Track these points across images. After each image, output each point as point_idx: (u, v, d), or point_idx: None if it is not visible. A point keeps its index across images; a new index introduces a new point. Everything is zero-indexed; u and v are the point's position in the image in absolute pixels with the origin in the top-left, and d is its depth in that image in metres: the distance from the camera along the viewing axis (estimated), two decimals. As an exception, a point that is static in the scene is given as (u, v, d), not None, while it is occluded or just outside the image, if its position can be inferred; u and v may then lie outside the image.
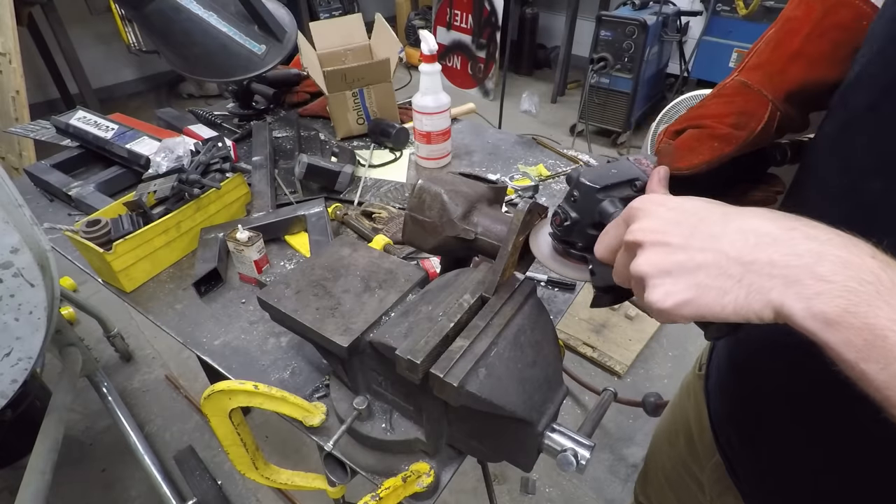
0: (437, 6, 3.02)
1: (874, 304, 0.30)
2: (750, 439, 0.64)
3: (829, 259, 0.32)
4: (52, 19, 3.06)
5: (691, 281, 0.37)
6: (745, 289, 0.34)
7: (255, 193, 1.21)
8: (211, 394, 0.70)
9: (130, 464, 1.74)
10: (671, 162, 0.53)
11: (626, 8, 3.31)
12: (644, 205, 0.42)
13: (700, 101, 0.54)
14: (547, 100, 4.32)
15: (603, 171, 0.51)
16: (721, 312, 0.35)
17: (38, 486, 1.21)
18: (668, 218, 0.40)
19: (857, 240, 0.33)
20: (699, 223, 0.38)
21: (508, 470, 1.79)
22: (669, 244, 0.38)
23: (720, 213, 0.38)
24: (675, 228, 0.39)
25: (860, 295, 0.30)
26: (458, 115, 1.61)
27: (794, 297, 0.32)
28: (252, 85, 1.61)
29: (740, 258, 0.35)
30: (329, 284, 0.73)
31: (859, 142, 0.45)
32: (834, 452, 0.52)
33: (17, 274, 0.86)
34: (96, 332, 2.13)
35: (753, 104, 0.50)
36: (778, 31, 0.52)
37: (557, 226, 0.55)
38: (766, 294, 0.33)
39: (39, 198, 1.28)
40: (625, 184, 0.51)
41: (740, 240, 0.35)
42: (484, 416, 0.58)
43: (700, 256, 0.37)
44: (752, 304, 0.34)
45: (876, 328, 0.30)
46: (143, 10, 1.20)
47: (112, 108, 1.92)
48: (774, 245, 0.34)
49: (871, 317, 0.30)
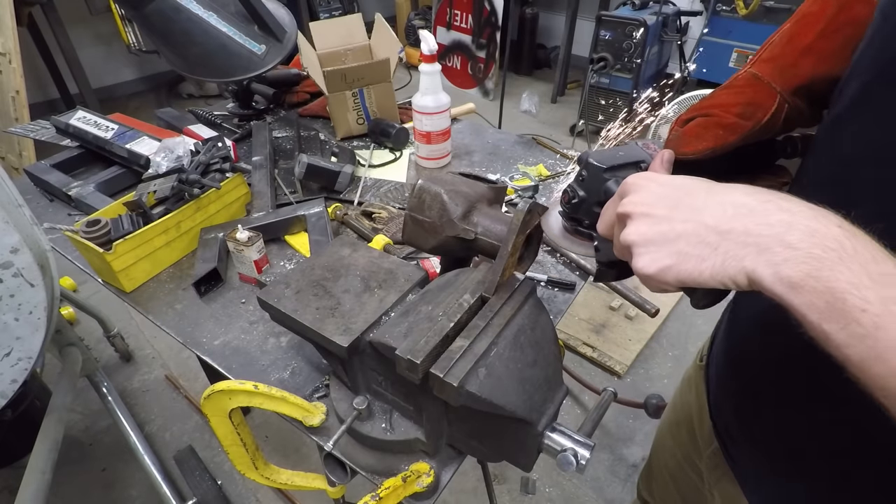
0: (437, 6, 3.02)
1: (836, 269, 0.32)
2: (746, 423, 0.66)
3: (798, 228, 0.34)
4: (52, 19, 3.06)
5: (673, 249, 0.39)
6: (721, 256, 0.37)
7: (255, 193, 1.21)
8: (211, 394, 0.70)
9: (130, 464, 1.74)
10: (677, 147, 0.55)
11: (626, 8, 3.31)
12: (636, 180, 0.45)
13: (712, 92, 0.56)
14: (547, 100, 4.32)
15: (611, 153, 0.54)
16: (699, 278, 0.38)
17: (38, 486, 1.21)
18: (657, 192, 0.43)
19: (827, 211, 0.35)
20: (684, 196, 0.41)
21: (508, 470, 1.79)
22: (655, 215, 0.41)
23: (705, 189, 0.41)
24: (661, 201, 0.42)
25: (823, 261, 0.33)
26: (458, 115, 1.61)
27: (764, 263, 0.35)
28: (252, 85, 1.61)
29: (718, 227, 0.38)
30: (329, 284, 0.73)
31: (849, 132, 0.47)
32: (821, 434, 0.53)
33: (17, 274, 0.86)
34: (96, 332, 2.13)
35: (762, 96, 0.52)
36: (793, 25, 0.53)
37: (566, 203, 0.58)
38: (741, 261, 0.36)
39: (39, 198, 1.28)
40: (631, 165, 0.53)
41: (719, 211, 0.38)
42: (484, 416, 0.58)
43: (681, 226, 0.39)
44: (728, 269, 0.37)
45: (836, 291, 0.32)
46: (143, 10, 1.20)
47: (112, 108, 1.92)
48: (750, 216, 0.37)
49: (833, 280, 0.32)
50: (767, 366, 0.59)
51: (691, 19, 3.54)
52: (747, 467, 0.67)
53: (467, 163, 1.42)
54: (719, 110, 0.53)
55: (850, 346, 0.32)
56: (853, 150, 0.46)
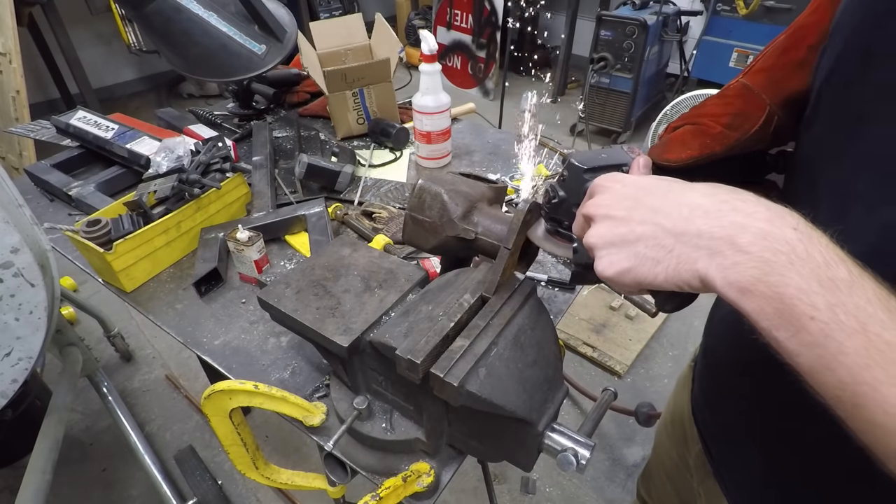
0: (438, 6, 3.02)
1: (786, 273, 0.31)
2: (721, 422, 0.67)
3: (751, 231, 0.33)
4: (53, 19, 3.06)
5: (631, 251, 0.39)
6: (675, 259, 0.37)
7: (255, 193, 1.21)
8: (211, 394, 0.70)
9: (131, 463, 1.75)
10: (662, 153, 0.55)
11: (626, 8, 3.31)
12: (603, 181, 0.45)
13: (703, 101, 0.56)
14: (547, 100, 4.32)
15: (593, 155, 0.54)
16: (655, 280, 0.38)
17: (38, 486, 1.21)
18: (620, 193, 0.43)
19: (786, 212, 0.34)
20: (644, 197, 0.41)
21: (508, 470, 1.79)
22: (615, 217, 0.41)
23: (665, 188, 0.41)
24: (622, 202, 0.42)
25: (773, 265, 0.32)
26: (458, 114, 1.61)
27: (715, 267, 0.34)
28: (252, 85, 1.62)
29: (673, 229, 0.37)
30: (329, 284, 0.73)
31: (815, 135, 0.47)
32: (791, 433, 0.54)
33: (17, 274, 0.86)
34: (96, 331, 2.13)
35: (752, 107, 0.52)
36: (787, 38, 0.53)
37: (546, 203, 0.58)
38: (693, 264, 0.36)
39: (40, 198, 1.28)
40: (612, 167, 0.53)
41: (676, 212, 0.38)
42: (484, 415, 0.58)
43: (639, 229, 0.39)
44: (682, 273, 0.36)
45: (785, 297, 0.31)
46: (143, 10, 1.20)
47: (112, 107, 1.92)
48: (704, 217, 0.36)
49: (781, 286, 0.31)
50: (738, 365, 0.60)
51: (691, 19, 3.54)
52: (724, 466, 0.68)
53: (467, 163, 1.42)
54: (708, 119, 0.53)
55: (799, 354, 0.31)
56: (809, 152, 0.47)
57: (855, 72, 0.42)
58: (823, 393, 0.31)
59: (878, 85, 0.40)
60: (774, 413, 0.55)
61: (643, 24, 3.07)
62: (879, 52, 0.39)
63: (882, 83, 0.39)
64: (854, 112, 0.42)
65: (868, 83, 0.41)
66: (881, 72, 0.39)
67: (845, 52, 0.43)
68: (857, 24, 0.42)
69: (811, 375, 0.31)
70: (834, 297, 0.30)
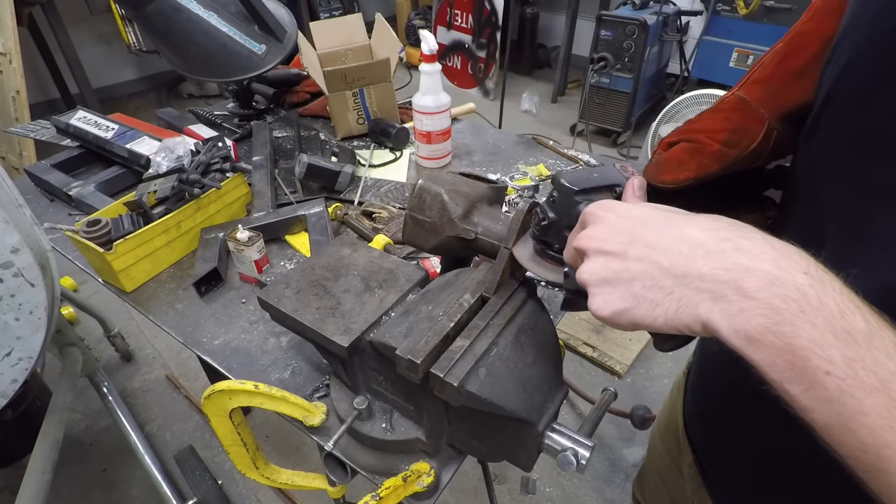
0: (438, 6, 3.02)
1: (798, 323, 0.29)
2: (711, 434, 0.66)
3: (757, 275, 0.31)
4: (53, 19, 3.06)
5: (627, 291, 0.37)
6: (675, 302, 0.35)
7: (255, 193, 1.21)
8: (211, 394, 0.70)
9: (131, 463, 1.75)
10: (657, 174, 0.52)
11: (626, 8, 3.31)
12: (595, 210, 0.42)
13: (698, 115, 0.53)
14: (547, 100, 4.32)
15: (584, 175, 0.51)
16: (654, 324, 0.36)
17: (38, 486, 1.21)
18: (614, 225, 0.40)
19: (793, 252, 0.32)
20: (640, 230, 0.38)
21: (508, 470, 1.79)
22: (609, 252, 0.39)
23: (663, 220, 0.38)
24: (616, 236, 0.39)
25: (783, 314, 0.30)
26: (458, 114, 1.61)
27: (719, 313, 0.32)
28: (252, 85, 1.61)
29: (672, 270, 0.35)
30: (329, 284, 0.73)
31: (815, 150, 0.45)
32: (781, 449, 0.52)
33: (17, 274, 0.86)
34: (96, 331, 2.13)
35: (749, 122, 0.49)
36: (786, 45, 0.50)
37: (535, 225, 0.55)
38: (695, 308, 0.33)
39: (40, 198, 1.28)
40: (605, 189, 0.50)
41: (674, 249, 0.35)
42: (484, 415, 0.58)
43: (636, 266, 0.37)
44: (682, 317, 0.34)
45: (797, 349, 0.29)
46: (143, 10, 1.20)
47: (112, 107, 1.92)
48: (706, 257, 0.34)
49: (794, 337, 0.29)
50: (729, 385, 0.59)
51: (691, 19, 3.54)
52: (716, 480, 0.67)
53: (467, 163, 1.42)
54: (704, 136, 0.50)
55: (814, 410, 0.29)
56: (808, 168, 0.44)
57: (865, 87, 0.39)
58: (842, 452, 0.29)
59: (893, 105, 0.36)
60: (765, 433, 0.53)
61: (643, 24, 3.07)
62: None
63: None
64: (863, 130, 0.39)
65: (882, 100, 0.37)
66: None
67: (854, 64, 0.40)
68: (871, 35, 0.39)
69: (827, 433, 0.29)
70: (851, 350, 0.28)
